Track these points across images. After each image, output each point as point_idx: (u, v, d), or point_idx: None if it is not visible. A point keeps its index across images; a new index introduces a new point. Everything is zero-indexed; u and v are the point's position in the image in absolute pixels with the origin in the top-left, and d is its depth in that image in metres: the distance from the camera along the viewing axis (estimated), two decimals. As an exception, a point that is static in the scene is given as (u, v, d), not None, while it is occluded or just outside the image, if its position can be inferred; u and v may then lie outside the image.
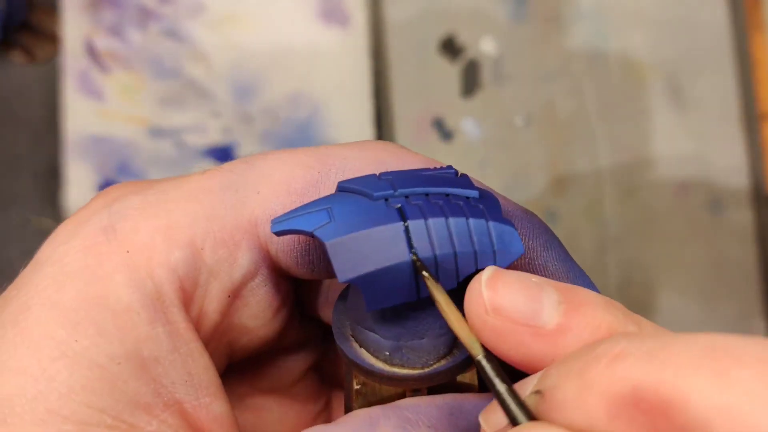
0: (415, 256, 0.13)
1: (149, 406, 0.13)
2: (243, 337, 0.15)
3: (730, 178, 0.58)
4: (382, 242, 0.13)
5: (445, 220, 0.14)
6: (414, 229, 0.13)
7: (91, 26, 0.55)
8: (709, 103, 0.58)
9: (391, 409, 0.13)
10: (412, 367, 0.14)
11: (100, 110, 0.56)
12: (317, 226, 0.13)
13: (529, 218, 0.16)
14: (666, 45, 0.58)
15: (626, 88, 0.57)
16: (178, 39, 0.56)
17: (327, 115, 0.56)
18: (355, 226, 0.13)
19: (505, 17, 0.57)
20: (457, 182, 0.15)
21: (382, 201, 0.14)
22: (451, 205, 0.14)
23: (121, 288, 0.13)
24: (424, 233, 0.13)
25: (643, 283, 0.57)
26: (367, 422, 0.13)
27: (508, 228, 0.14)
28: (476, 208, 0.14)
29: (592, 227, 0.57)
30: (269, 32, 0.56)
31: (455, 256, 0.14)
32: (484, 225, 0.14)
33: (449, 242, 0.13)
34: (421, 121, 0.56)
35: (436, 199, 0.14)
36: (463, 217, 0.14)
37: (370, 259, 0.13)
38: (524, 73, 0.57)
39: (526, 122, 0.57)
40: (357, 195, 0.14)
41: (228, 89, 0.56)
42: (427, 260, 0.13)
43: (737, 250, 0.58)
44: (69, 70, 0.55)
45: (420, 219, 0.13)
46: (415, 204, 0.14)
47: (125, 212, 0.14)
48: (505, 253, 0.14)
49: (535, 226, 0.16)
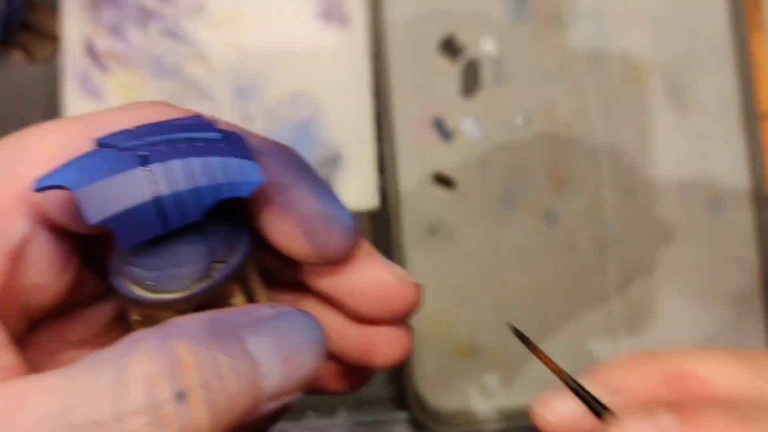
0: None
1: None
2: (36, 295, 0.17)
3: (730, 178, 0.58)
4: (126, 186, 0.15)
5: (185, 160, 0.16)
6: (156, 171, 0.15)
7: (91, 26, 0.55)
8: (709, 103, 0.58)
9: (155, 327, 0.15)
10: (174, 291, 0.16)
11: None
12: (69, 179, 0.15)
13: (281, 152, 0.18)
14: (666, 45, 0.58)
15: (626, 87, 0.57)
16: (178, 39, 0.56)
17: (327, 115, 0.56)
18: (102, 174, 0.15)
19: (505, 17, 0.57)
20: (201, 127, 0.17)
21: (129, 151, 0.16)
22: (194, 147, 0.16)
23: None
24: (164, 174, 0.15)
25: (643, 283, 0.57)
26: (133, 340, 0.15)
27: (247, 162, 0.16)
28: (217, 147, 0.16)
29: (592, 227, 0.57)
30: (269, 32, 0.56)
31: (196, 191, 0.16)
32: (223, 161, 0.16)
33: (189, 179, 0.16)
34: (422, 121, 0.56)
35: (179, 144, 0.16)
36: (203, 156, 0.16)
37: (115, 202, 0.15)
38: (524, 73, 0.57)
39: (526, 122, 0.57)
40: (108, 148, 0.16)
41: (228, 89, 0.56)
42: (169, 197, 0.16)
43: (737, 250, 0.58)
44: (69, 71, 0.55)
45: (161, 162, 0.15)
46: (159, 150, 0.16)
47: None
48: (245, 184, 0.16)
49: (286, 156, 0.18)
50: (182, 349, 0.14)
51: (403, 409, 0.57)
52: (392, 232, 0.55)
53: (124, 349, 0.14)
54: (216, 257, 0.17)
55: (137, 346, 0.14)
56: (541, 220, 0.57)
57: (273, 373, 0.15)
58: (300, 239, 0.17)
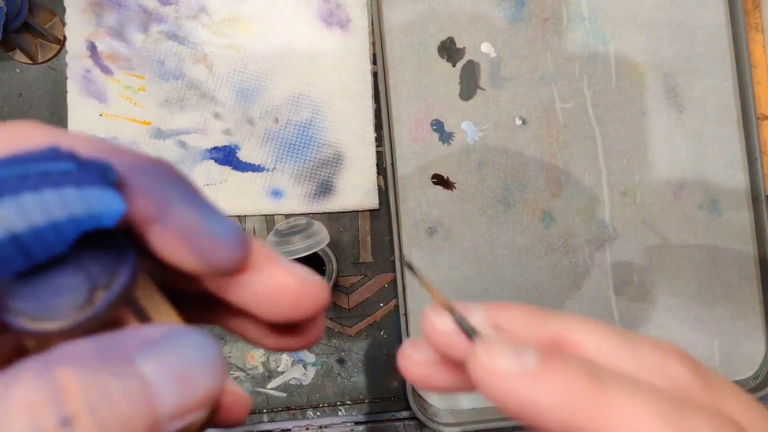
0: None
1: None
2: None
3: (729, 178, 0.58)
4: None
5: (38, 193, 0.16)
6: (8, 206, 0.15)
7: (92, 28, 0.56)
8: (707, 104, 0.58)
9: (39, 355, 0.15)
10: (55, 320, 0.16)
11: (102, 112, 0.56)
12: None
13: (155, 169, 0.18)
14: (664, 46, 0.58)
15: (624, 89, 0.58)
16: (179, 41, 0.56)
17: (328, 116, 0.56)
18: None
19: (504, 20, 0.57)
20: (57, 158, 0.17)
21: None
22: (47, 180, 0.16)
23: None
24: (17, 209, 0.15)
25: (641, 283, 0.57)
26: (16, 369, 0.15)
27: (107, 191, 0.16)
28: (73, 178, 0.16)
29: (590, 227, 0.57)
30: (270, 35, 0.56)
31: (55, 225, 0.16)
32: (79, 192, 0.16)
33: (44, 213, 0.16)
34: (421, 123, 0.57)
35: (32, 177, 0.16)
36: (57, 188, 0.16)
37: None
38: (522, 75, 0.57)
39: (524, 123, 0.57)
40: None
41: (229, 91, 0.56)
42: (26, 232, 0.16)
43: (735, 250, 0.58)
44: (71, 72, 0.55)
45: (11, 196, 0.16)
46: (11, 185, 0.16)
47: None
48: (107, 214, 0.16)
49: (159, 173, 0.18)
50: (65, 375, 0.14)
51: (403, 409, 0.58)
52: (392, 232, 0.55)
53: (6, 378, 0.14)
54: (97, 284, 0.17)
55: (19, 374, 0.14)
56: (539, 221, 0.57)
57: (168, 393, 0.15)
58: (187, 255, 0.17)
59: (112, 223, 0.16)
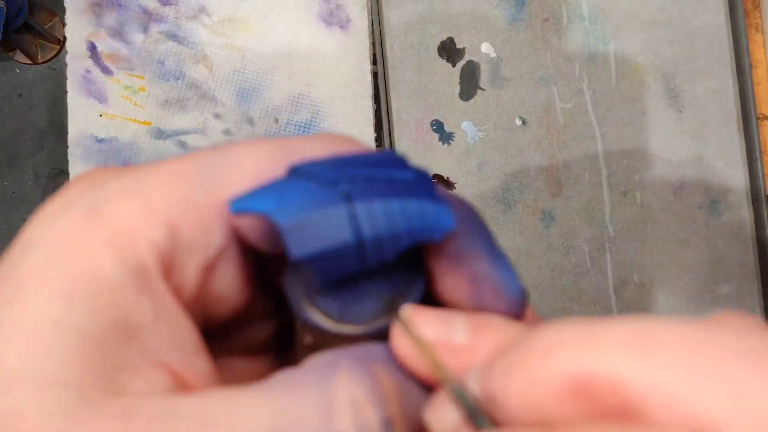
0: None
1: (139, 369, 0.14)
2: (218, 305, 0.17)
3: (728, 178, 0.58)
4: (331, 224, 0.15)
5: (386, 201, 0.15)
6: (360, 211, 0.15)
7: (92, 28, 0.56)
8: (707, 104, 0.58)
9: (348, 350, 0.15)
10: (357, 324, 0.16)
11: (102, 112, 0.56)
12: (271, 206, 0.15)
13: (460, 204, 0.18)
14: (664, 46, 0.58)
15: (624, 89, 0.58)
16: (179, 41, 0.56)
17: (328, 117, 0.56)
18: (305, 207, 0.15)
19: (504, 20, 0.57)
20: (396, 165, 0.17)
21: (330, 185, 0.16)
22: (392, 187, 0.16)
23: (108, 264, 0.15)
24: (367, 215, 0.15)
25: (641, 283, 0.57)
26: (329, 361, 0.14)
27: (441, 207, 0.16)
28: (413, 188, 0.16)
29: (590, 228, 0.57)
30: (270, 35, 0.56)
31: (395, 234, 0.16)
32: (420, 205, 0.16)
33: (389, 222, 0.15)
34: (421, 123, 0.57)
35: (378, 183, 0.16)
36: (402, 198, 0.16)
37: (319, 239, 0.15)
38: (522, 75, 0.57)
39: (524, 124, 0.57)
40: (307, 178, 0.16)
41: (229, 91, 0.56)
42: (370, 238, 0.15)
43: (735, 250, 0.58)
44: (71, 72, 0.55)
45: (362, 200, 0.15)
46: (359, 187, 0.16)
47: (107, 195, 0.16)
48: (438, 229, 0.16)
49: (467, 212, 0.17)
50: (383, 375, 0.14)
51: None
52: (392, 232, 0.55)
53: (324, 371, 0.14)
54: (398, 293, 0.16)
55: (337, 368, 0.14)
56: (539, 221, 0.57)
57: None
58: (466, 299, 0.17)
59: (439, 239, 0.16)
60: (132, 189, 0.16)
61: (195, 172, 0.16)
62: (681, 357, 0.12)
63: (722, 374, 0.11)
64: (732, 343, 0.12)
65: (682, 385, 0.11)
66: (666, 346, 0.12)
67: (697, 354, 0.12)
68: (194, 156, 0.16)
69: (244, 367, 0.18)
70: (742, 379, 0.11)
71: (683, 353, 0.12)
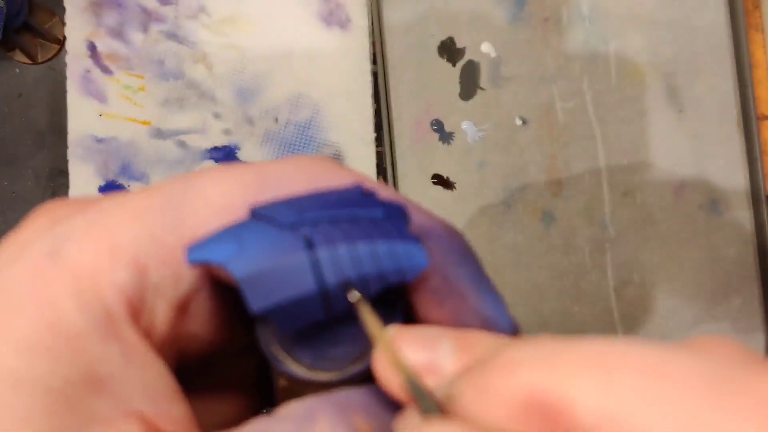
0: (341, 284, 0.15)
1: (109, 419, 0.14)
2: (193, 343, 0.16)
3: (729, 178, 0.58)
4: (292, 273, 0.14)
5: (352, 245, 0.14)
6: (321, 257, 0.14)
7: (92, 28, 0.56)
8: (707, 104, 0.58)
9: (325, 397, 0.14)
10: (331, 371, 0.15)
11: (102, 112, 0.56)
12: (228, 256, 0.14)
13: (445, 234, 0.16)
14: (664, 46, 0.58)
15: (625, 89, 0.58)
16: (179, 41, 0.56)
17: (327, 116, 0.56)
18: (264, 256, 0.14)
19: (504, 19, 0.57)
20: (364, 202, 0.16)
21: (291, 229, 0.15)
22: (358, 228, 0.15)
23: (71, 312, 0.14)
24: (331, 261, 0.14)
25: (641, 283, 0.57)
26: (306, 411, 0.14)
27: (413, 245, 0.15)
28: (382, 228, 0.15)
29: (590, 228, 0.57)
30: (270, 34, 0.56)
31: (363, 279, 0.15)
32: (389, 246, 0.15)
33: (356, 267, 0.14)
34: (421, 123, 0.57)
35: (342, 224, 0.15)
36: (369, 240, 0.15)
37: (279, 289, 0.14)
38: (523, 75, 0.57)
39: (524, 123, 0.57)
40: (268, 222, 0.15)
41: (229, 91, 0.56)
42: (335, 286, 0.14)
43: (735, 250, 0.58)
44: (71, 72, 0.55)
45: (326, 246, 0.14)
46: (322, 230, 0.15)
47: (68, 234, 0.15)
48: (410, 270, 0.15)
49: (451, 243, 0.16)
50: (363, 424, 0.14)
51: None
52: (392, 232, 0.55)
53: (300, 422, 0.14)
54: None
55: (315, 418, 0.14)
56: (540, 221, 0.57)
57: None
58: None
59: (411, 279, 0.15)
60: (94, 227, 0.15)
61: (161, 207, 0.15)
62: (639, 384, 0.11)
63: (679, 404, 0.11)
64: (697, 371, 0.11)
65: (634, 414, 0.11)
66: (625, 371, 0.11)
67: (657, 381, 0.11)
68: (160, 189, 0.16)
69: (225, 406, 0.17)
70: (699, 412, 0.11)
71: (642, 380, 0.11)
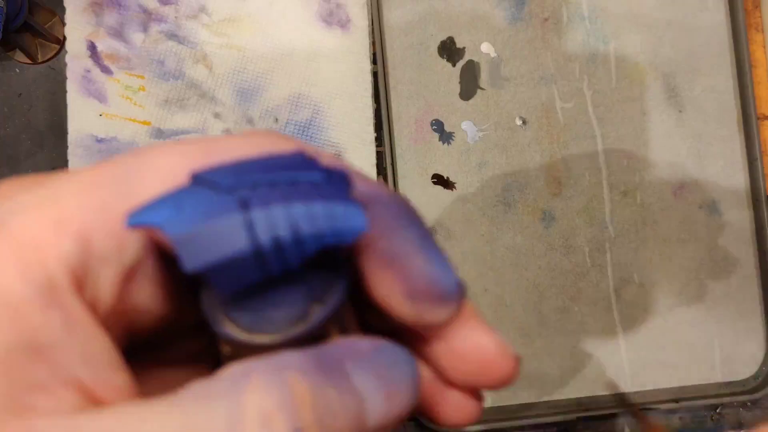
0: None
1: (47, 387, 0.14)
2: (141, 317, 0.16)
3: (729, 178, 0.58)
4: (224, 233, 0.14)
5: (287, 206, 0.15)
6: (257, 218, 0.14)
7: (92, 28, 0.56)
8: (707, 104, 0.58)
9: (263, 359, 0.14)
10: (271, 333, 0.16)
11: (102, 112, 0.56)
12: (164, 218, 0.14)
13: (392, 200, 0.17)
14: (664, 46, 0.58)
15: (625, 89, 0.58)
16: (179, 41, 0.56)
17: (327, 116, 0.56)
18: (198, 217, 0.14)
19: (504, 19, 0.57)
20: (305, 166, 0.16)
21: (228, 192, 0.15)
22: (296, 190, 0.15)
23: (12, 280, 0.14)
24: (265, 221, 0.14)
25: (641, 283, 0.57)
26: (242, 371, 0.14)
27: (352, 207, 0.15)
28: (321, 190, 0.15)
29: (590, 228, 0.57)
30: (270, 34, 0.56)
31: (298, 239, 0.15)
32: (327, 207, 0.15)
33: (291, 227, 0.15)
34: (421, 123, 0.57)
35: (281, 187, 0.15)
36: (307, 201, 0.15)
37: (212, 250, 0.15)
38: (523, 75, 0.57)
39: (524, 123, 0.57)
40: (207, 186, 0.15)
41: (229, 91, 0.56)
42: (269, 246, 0.14)
43: (735, 250, 0.58)
44: (71, 72, 0.55)
45: (261, 206, 0.15)
46: (260, 193, 0.15)
47: (16, 208, 0.15)
48: (349, 231, 0.15)
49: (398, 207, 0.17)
50: (296, 383, 0.14)
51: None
52: (392, 232, 0.55)
53: (234, 381, 0.14)
54: (314, 299, 0.16)
55: (249, 378, 0.14)
56: (540, 221, 0.57)
57: (376, 409, 0.14)
58: (400, 298, 0.16)
59: (350, 241, 0.15)
60: (42, 201, 0.15)
61: (109, 180, 0.15)
62: None
63: None
64: None
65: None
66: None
67: None
68: (111, 163, 0.16)
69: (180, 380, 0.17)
70: None
71: None
